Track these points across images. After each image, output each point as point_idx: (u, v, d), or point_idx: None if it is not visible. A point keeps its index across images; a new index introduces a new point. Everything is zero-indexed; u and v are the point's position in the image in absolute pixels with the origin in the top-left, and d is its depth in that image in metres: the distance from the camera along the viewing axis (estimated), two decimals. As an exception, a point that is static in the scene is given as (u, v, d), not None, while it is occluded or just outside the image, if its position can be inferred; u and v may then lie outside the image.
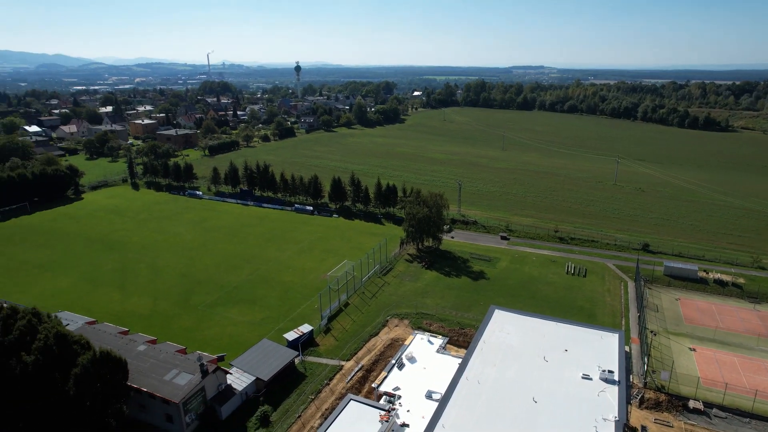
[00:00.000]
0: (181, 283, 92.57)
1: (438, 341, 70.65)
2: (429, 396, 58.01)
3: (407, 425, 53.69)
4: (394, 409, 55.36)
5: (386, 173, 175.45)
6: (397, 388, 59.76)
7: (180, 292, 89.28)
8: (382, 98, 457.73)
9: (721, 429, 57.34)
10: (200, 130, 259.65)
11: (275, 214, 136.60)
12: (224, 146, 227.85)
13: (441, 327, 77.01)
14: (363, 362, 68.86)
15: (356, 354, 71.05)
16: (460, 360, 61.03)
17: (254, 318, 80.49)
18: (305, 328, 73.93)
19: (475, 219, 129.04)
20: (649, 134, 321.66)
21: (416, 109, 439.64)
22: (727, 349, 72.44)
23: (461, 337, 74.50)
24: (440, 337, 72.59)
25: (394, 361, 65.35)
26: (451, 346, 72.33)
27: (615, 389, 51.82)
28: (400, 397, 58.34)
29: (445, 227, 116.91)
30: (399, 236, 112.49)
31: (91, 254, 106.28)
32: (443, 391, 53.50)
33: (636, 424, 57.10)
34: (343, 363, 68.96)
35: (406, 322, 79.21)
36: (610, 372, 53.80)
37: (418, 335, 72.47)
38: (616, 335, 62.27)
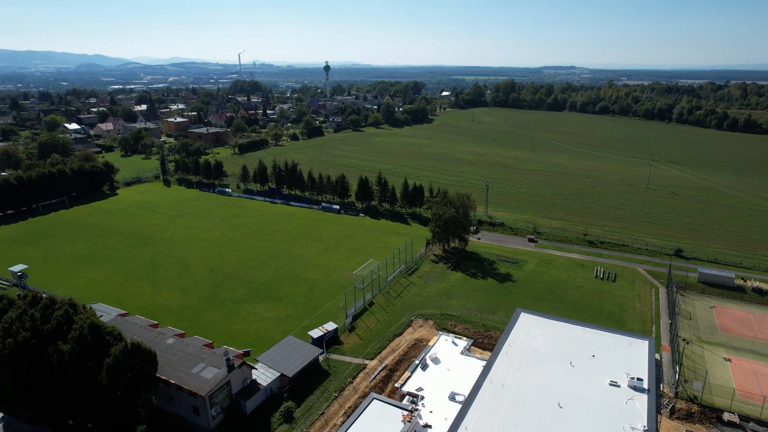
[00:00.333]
0: (209, 279, 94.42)
1: (462, 343, 70.18)
2: (452, 398, 57.69)
3: (430, 426, 53.52)
4: (417, 409, 55.25)
5: (413, 173, 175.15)
6: (420, 389, 59.62)
7: (208, 287, 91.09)
8: (411, 98, 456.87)
9: (757, 443, 55.37)
10: (230, 129, 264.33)
11: (302, 212, 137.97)
12: (253, 145, 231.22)
13: (466, 329, 76.47)
14: (387, 362, 68.93)
15: (380, 353, 71.17)
16: (484, 362, 60.51)
17: (280, 314, 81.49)
18: (330, 325, 74.46)
19: (502, 221, 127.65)
20: (684, 136, 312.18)
21: (444, 109, 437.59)
22: (765, 361, 69.72)
23: (486, 340, 73.86)
24: (465, 338, 72.10)
25: (417, 362, 65.23)
26: (476, 348, 71.75)
27: (644, 398, 50.49)
28: (423, 397, 58.19)
29: (472, 228, 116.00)
30: (425, 236, 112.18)
31: (124, 248, 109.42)
32: (467, 393, 53.16)
33: (666, 435, 55.62)
34: (367, 362, 69.17)
35: (431, 322, 78.92)
36: (639, 380, 52.45)
37: (442, 336, 72.14)
38: (646, 342, 60.69)
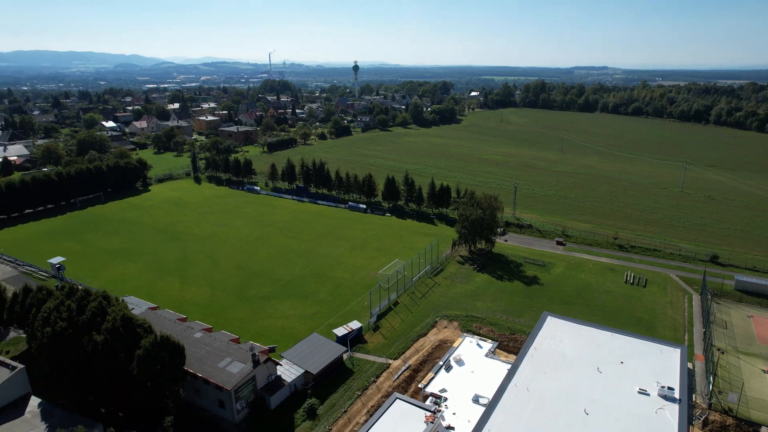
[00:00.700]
0: (237, 275, 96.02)
1: (487, 345, 69.48)
2: (476, 400, 57.20)
3: (453, 428, 53.17)
4: (439, 410, 54.98)
5: (440, 173, 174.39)
6: (443, 390, 59.30)
7: (236, 283, 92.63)
8: (439, 98, 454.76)
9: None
10: (260, 128, 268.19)
11: (329, 211, 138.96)
12: (282, 143, 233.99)
13: (491, 331, 75.75)
14: (410, 362, 68.84)
15: (404, 353, 71.13)
16: (509, 365, 59.78)
17: (305, 312, 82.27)
18: (354, 324, 74.82)
19: (530, 223, 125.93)
20: (722, 139, 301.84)
21: (473, 109, 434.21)
22: (804, 373, 66.88)
23: (511, 343, 73.02)
24: (490, 341, 71.37)
25: (441, 363, 64.88)
26: (501, 351, 70.97)
27: (675, 408, 49.03)
28: (446, 399, 57.87)
29: (499, 230, 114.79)
30: (451, 237, 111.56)
31: (156, 243, 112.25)
32: (491, 396, 52.60)
33: (697, 446, 53.96)
34: (391, 361, 69.22)
35: (456, 324, 78.45)
36: (670, 389, 50.94)
37: (467, 338, 71.58)
38: (678, 350, 58.91)
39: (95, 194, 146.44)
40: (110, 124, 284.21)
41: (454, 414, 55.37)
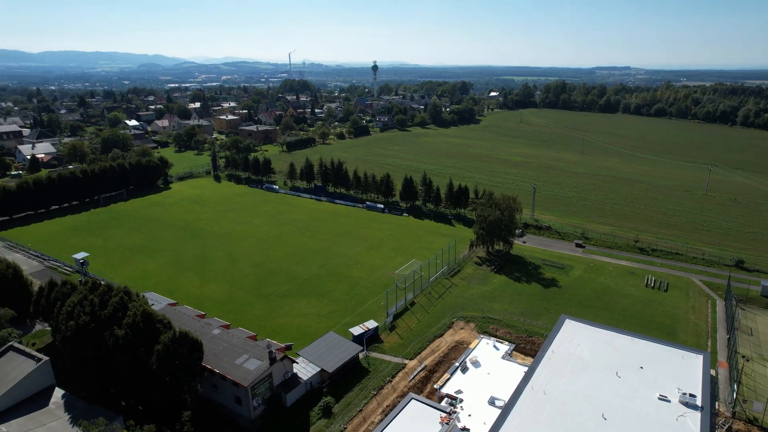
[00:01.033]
0: (255, 273, 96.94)
1: (504, 347, 68.97)
2: (492, 402, 56.82)
3: (468, 430, 52.90)
4: (455, 412, 54.77)
5: (458, 174, 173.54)
6: (459, 391, 59.05)
7: (254, 280, 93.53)
8: (458, 98, 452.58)
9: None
10: (279, 127, 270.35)
11: (347, 210, 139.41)
12: (301, 143, 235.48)
13: (508, 333, 75.15)
14: (426, 362, 68.69)
15: (420, 354, 70.99)
16: (526, 368, 59.28)
17: (322, 310, 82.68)
18: (371, 324, 74.91)
19: (549, 224, 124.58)
20: (750, 141, 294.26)
21: (492, 109, 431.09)
22: (833, 383, 64.92)
23: (528, 345, 72.33)
24: (506, 343, 70.83)
25: (457, 364, 64.61)
26: (518, 354, 70.39)
27: (697, 415, 48.02)
28: (462, 400, 57.61)
29: (517, 231, 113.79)
30: (469, 238, 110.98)
31: (176, 241, 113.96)
32: (507, 398, 52.24)
33: (719, 455, 52.76)
34: (406, 361, 69.15)
35: (472, 325, 78.02)
36: (692, 396, 49.90)
37: (483, 340, 71.16)
38: (701, 356, 57.68)
39: (118, 191, 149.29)
40: (133, 122, 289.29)
41: (469, 416, 55.10)
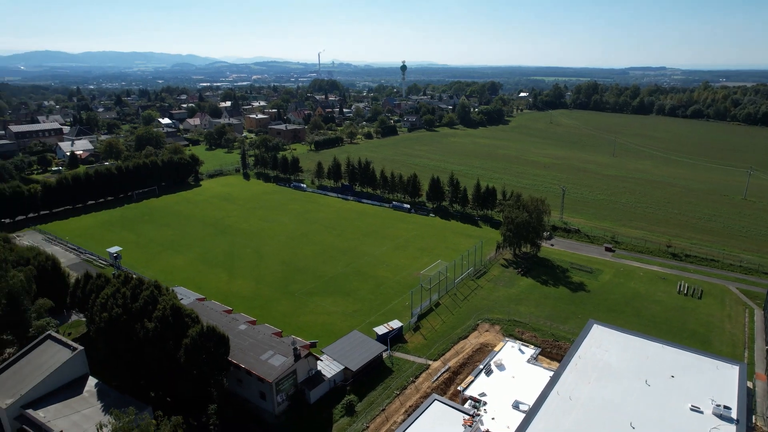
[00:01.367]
0: (282, 270, 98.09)
1: (529, 351, 68.02)
2: (516, 406, 56.11)
3: (491, 433, 52.37)
4: (478, 414, 54.28)
5: (486, 175, 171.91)
6: (483, 394, 58.51)
7: (280, 278, 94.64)
8: (487, 98, 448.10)
9: None
10: (308, 126, 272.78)
11: (373, 209, 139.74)
12: (329, 142, 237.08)
13: (533, 337, 74.08)
14: (450, 364, 68.30)
15: (444, 355, 70.63)
16: (551, 373, 58.31)
17: (347, 309, 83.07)
18: (395, 323, 74.91)
19: (577, 227, 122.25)
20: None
21: (521, 110, 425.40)
22: None
23: (555, 350, 71.16)
24: (532, 347, 69.83)
25: (482, 367, 64.04)
26: (543, 358, 69.32)
27: (732, 428, 46.29)
28: (485, 403, 57.06)
29: (545, 234, 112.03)
30: (495, 240, 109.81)
31: (205, 237, 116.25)
32: (531, 402, 51.47)
33: (754, 470, 50.84)
34: (430, 362, 68.89)
35: (497, 328, 77.20)
36: (726, 408, 48.14)
37: (508, 343, 70.31)
38: (737, 367, 55.63)
39: (150, 188, 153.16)
40: (166, 120, 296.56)
41: (493, 419, 54.52)
